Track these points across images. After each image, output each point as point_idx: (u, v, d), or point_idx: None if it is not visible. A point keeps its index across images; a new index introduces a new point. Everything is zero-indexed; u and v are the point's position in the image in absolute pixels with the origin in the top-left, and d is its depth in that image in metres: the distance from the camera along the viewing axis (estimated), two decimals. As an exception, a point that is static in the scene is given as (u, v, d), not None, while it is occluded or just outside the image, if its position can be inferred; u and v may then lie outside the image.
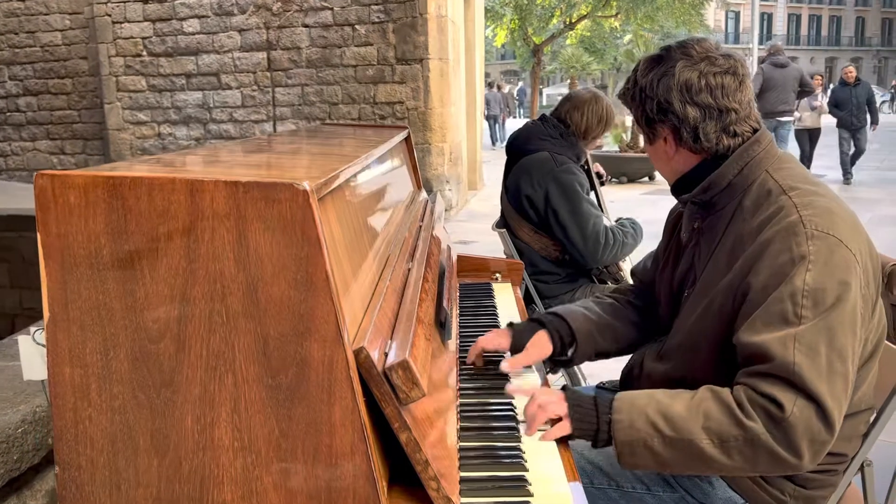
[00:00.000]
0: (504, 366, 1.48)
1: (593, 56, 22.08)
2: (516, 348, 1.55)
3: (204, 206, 0.81)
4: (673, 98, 1.33)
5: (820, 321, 1.16)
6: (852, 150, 10.46)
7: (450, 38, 8.36)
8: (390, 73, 8.26)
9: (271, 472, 0.86)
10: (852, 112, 10.25)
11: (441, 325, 1.42)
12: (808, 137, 10.26)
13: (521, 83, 32.78)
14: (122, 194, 0.81)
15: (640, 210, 8.17)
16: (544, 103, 30.18)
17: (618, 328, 1.65)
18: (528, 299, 2.87)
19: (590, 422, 1.25)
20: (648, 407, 1.22)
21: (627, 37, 22.29)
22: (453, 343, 1.53)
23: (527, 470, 1.14)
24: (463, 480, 1.09)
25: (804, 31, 53.72)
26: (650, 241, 1.86)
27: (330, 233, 0.93)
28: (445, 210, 8.35)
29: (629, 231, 2.84)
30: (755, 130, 1.37)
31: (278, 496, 0.86)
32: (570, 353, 1.61)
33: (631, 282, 2.95)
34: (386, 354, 0.93)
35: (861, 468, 1.51)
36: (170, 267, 0.83)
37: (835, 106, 10.33)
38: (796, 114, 9.71)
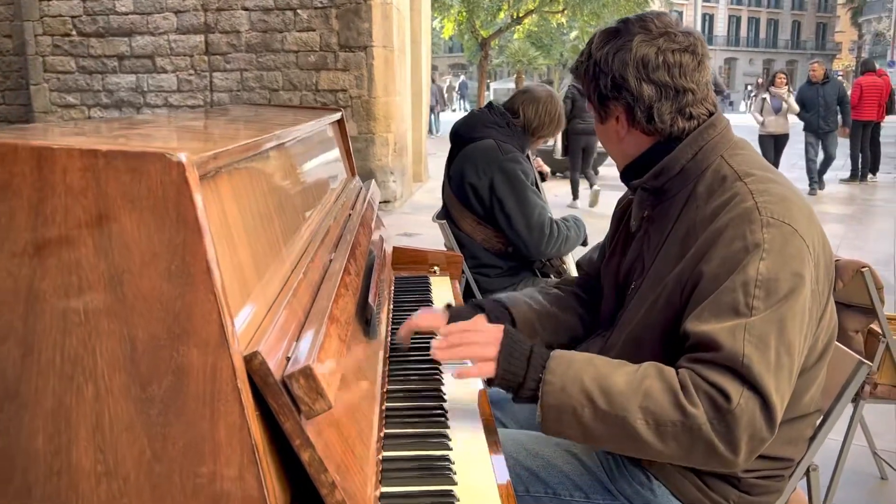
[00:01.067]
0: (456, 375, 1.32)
1: (540, 51, 22.17)
2: None
3: (55, 179, 0.65)
4: (628, 74, 1.25)
5: (771, 312, 1.09)
6: (821, 156, 9.39)
7: (395, 26, 8.19)
8: (333, 59, 8.04)
9: (143, 502, 0.71)
10: (820, 114, 9.14)
11: (367, 322, 1.30)
12: (774, 145, 9.05)
13: (462, 77, 32.88)
14: (-49, 163, 0.65)
15: (583, 206, 8.18)
16: (491, 98, 30.21)
17: (561, 319, 1.57)
18: (468, 293, 2.77)
19: (515, 373, 1.17)
20: (585, 373, 1.13)
21: (574, 33, 22.43)
22: (381, 342, 1.39)
23: (455, 483, 1.03)
24: (384, 496, 0.97)
25: (743, 32, 55.19)
26: (594, 237, 1.77)
27: (221, 215, 0.78)
28: (389, 202, 8.20)
29: (572, 225, 2.77)
30: (711, 114, 1.29)
31: (149, 531, 0.71)
32: None
33: (576, 274, 2.91)
34: (288, 359, 0.79)
35: (807, 472, 1.46)
36: (12, 254, 0.67)
37: (801, 107, 9.24)
38: (758, 117, 9.03)
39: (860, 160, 10.20)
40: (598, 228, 2.58)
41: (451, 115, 16.16)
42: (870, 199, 9.13)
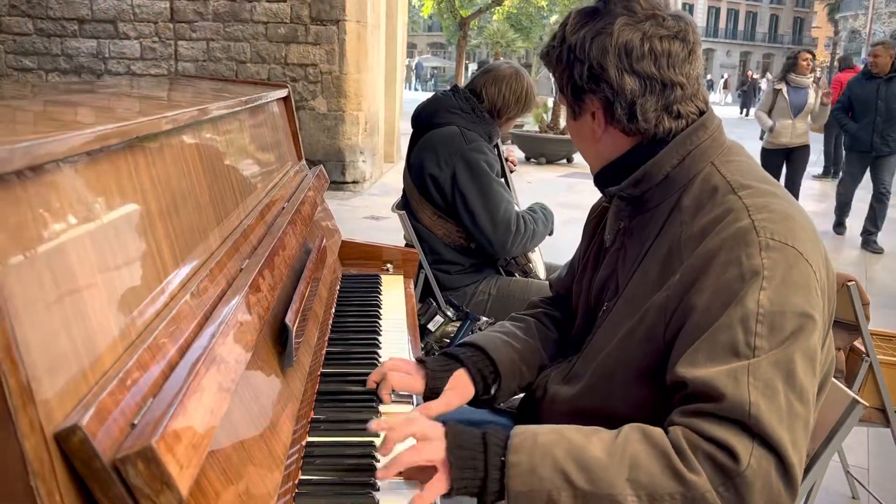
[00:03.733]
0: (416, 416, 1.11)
1: (519, 33, 21.90)
2: (432, 392, 1.24)
3: None
4: (608, 63, 1.06)
5: (778, 352, 0.90)
6: (859, 195, 6.26)
7: (369, 0, 7.89)
8: (304, 32, 7.74)
9: None
10: (876, 126, 5.76)
11: (284, 344, 1.08)
12: (787, 162, 6.16)
13: (417, 57, 32.53)
14: None
15: (558, 193, 8.00)
16: (469, 78, 29.87)
17: (540, 354, 1.36)
18: (427, 291, 2.57)
19: (474, 468, 0.95)
20: (556, 447, 0.93)
21: (554, 17, 22.16)
22: (305, 365, 1.19)
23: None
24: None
25: (722, 24, 55.39)
26: (564, 228, 1.59)
27: (39, 232, 0.57)
28: (358, 182, 7.94)
29: (539, 217, 2.56)
30: (701, 112, 1.10)
31: None
32: (493, 392, 1.30)
33: (542, 276, 2.71)
34: (134, 426, 0.59)
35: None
36: None
37: (844, 111, 6.06)
38: (766, 120, 6.06)
39: (833, 156, 10.07)
40: (565, 219, 2.40)
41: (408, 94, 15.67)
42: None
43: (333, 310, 1.65)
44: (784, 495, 0.87)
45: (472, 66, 32.14)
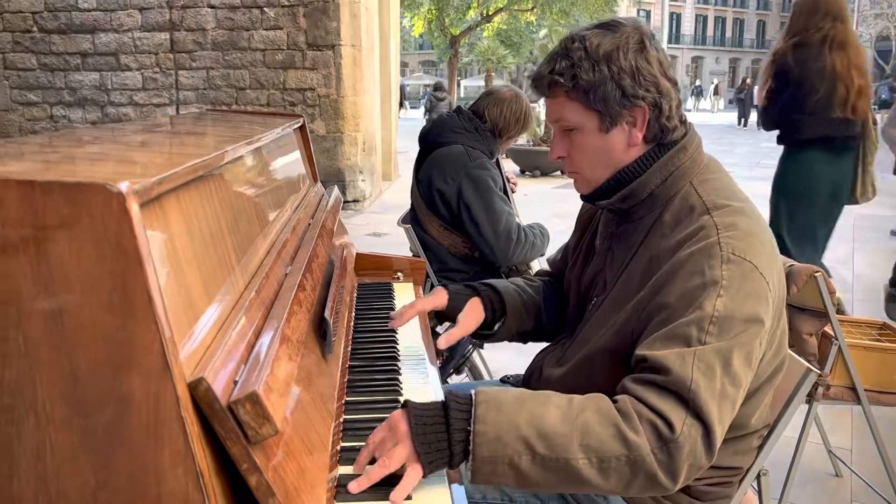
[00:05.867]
0: (441, 342, 1.42)
1: (509, 49, 22.24)
2: (451, 310, 1.52)
3: (-10, 210, 0.65)
4: (654, 69, 1.19)
5: (722, 345, 1.08)
6: None
7: (363, 25, 8.17)
8: (301, 58, 8.00)
9: (87, 532, 0.71)
10: None
11: (323, 335, 1.30)
12: None
13: (401, 79, 33.00)
14: None
15: (553, 204, 8.24)
16: (461, 95, 30.22)
17: (540, 309, 1.60)
18: (434, 298, 2.78)
19: (440, 449, 1.03)
20: (519, 416, 1.04)
21: (543, 31, 22.53)
22: (339, 355, 1.40)
23: (410, 498, 1.03)
24: (338, 511, 0.98)
25: (710, 31, 55.94)
26: (561, 238, 1.79)
27: (167, 240, 0.78)
28: (358, 201, 8.17)
29: (538, 233, 2.79)
30: (684, 122, 1.27)
31: (93, 561, 0.71)
32: (496, 327, 1.56)
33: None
34: (235, 383, 0.80)
35: (757, 477, 1.49)
36: (-52, 285, 0.67)
37: None
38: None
39: None
40: (561, 228, 2.60)
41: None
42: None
43: (354, 312, 1.85)
44: (704, 458, 1.04)
45: (465, 83, 32.50)
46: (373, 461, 1.05)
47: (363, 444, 1.16)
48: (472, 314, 1.52)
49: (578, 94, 1.21)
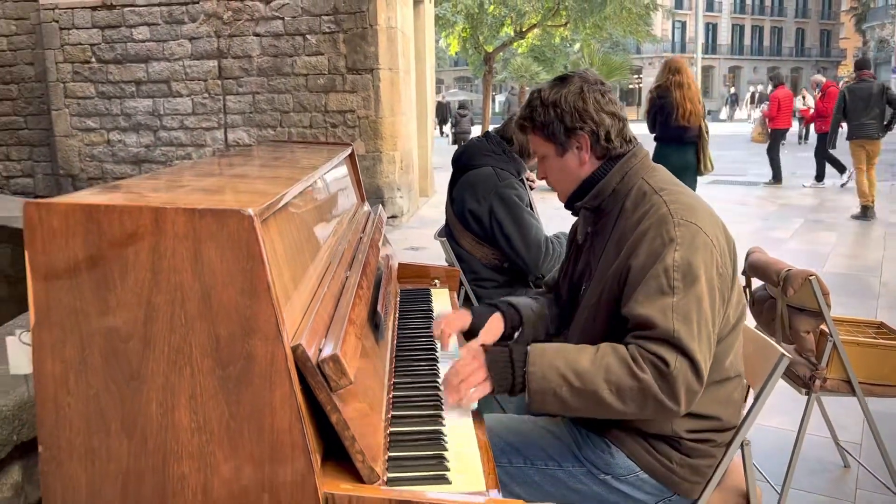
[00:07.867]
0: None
1: (542, 65, 22.50)
2: (474, 327, 1.83)
3: (166, 228, 0.98)
4: (590, 108, 1.62)
5: (690, 292, 1.43)
6: None
7: (399, 49, 8.55)
8: (341, 82, 8.41)
9: (223, 448, 1.04)
10: None
11: (376, 326, 1.61)
12: None
13: (447, 98, 33.61)
14: (98, 219, 0.98)
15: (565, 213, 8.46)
16: (496, 110, 30.59)
17: (548, 321, 1.93)
18: (467, 303, 3.08)
19: (506, 377, 1.47)
20: (557, 360, 1.44)
21: (576, 45, 22.76)
22: (388, 342, 1.71)
23: (446, 449, 1.33)
24: (391, 459, 1.28)
25: (747, 41, 55.39)
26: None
27: (272, 248, 1.11)
28: (396, 217, 8.55)
29: (563, 241, 3.08)
30: (630, 141, 1.67)
31: (228, 467, 1.04)
32: (515, 337, 1.90)
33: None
34: (320, 350, 1.12)
35: (742, 447, 1.75)
36: (137, 278, 1.00)
37: None
38: None
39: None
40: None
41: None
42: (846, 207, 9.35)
43: (398, 313, 2.17)
44: (695, 382, 1.40)
45: (500, 98, 32.87)
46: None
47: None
48: (492, 330, 1.82)
49: (538, 130, 1.67)
